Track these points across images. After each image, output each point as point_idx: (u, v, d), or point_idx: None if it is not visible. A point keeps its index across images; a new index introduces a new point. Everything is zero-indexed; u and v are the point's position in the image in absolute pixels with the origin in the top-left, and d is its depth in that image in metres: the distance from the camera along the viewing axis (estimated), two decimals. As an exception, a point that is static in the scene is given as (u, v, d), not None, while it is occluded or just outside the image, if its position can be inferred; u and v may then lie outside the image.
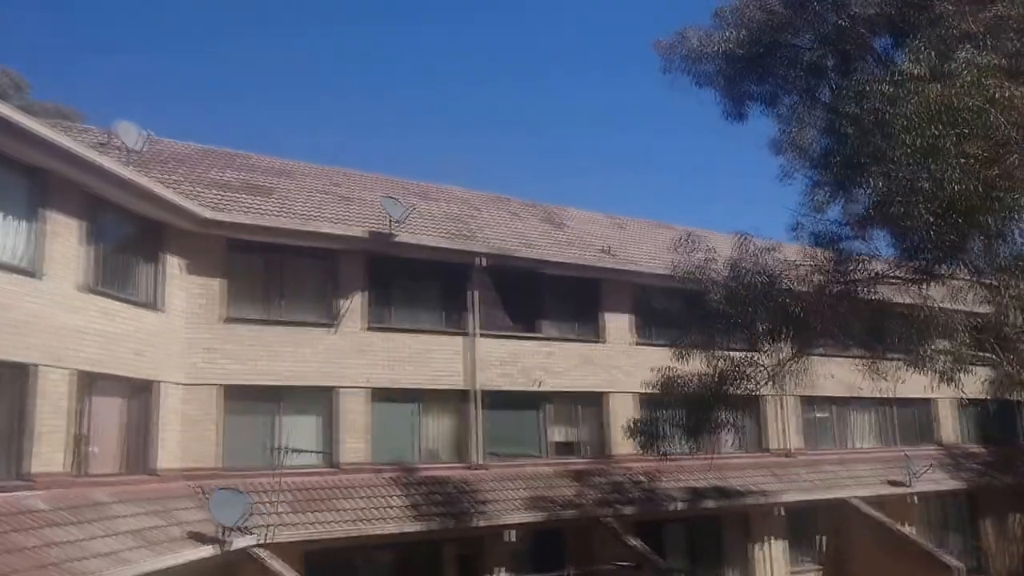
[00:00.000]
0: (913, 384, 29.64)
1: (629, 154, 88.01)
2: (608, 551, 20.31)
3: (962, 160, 10.41)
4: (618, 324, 24.10)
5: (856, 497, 25.75)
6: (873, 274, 14.51)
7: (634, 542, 20.05)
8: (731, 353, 17.18)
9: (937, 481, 27.80)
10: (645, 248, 26.50)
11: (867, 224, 13.75)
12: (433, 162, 79.16)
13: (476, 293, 21.59)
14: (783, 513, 24.28)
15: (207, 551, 14.80)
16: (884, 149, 11.24)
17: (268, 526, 16.53)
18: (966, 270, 13.68)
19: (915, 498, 27.22)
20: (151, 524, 14.61)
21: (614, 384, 23.59)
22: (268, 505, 17.26)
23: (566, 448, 22.96)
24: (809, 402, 27.89)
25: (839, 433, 28.95)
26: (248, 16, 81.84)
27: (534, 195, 28.57)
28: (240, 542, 15.63)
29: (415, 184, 26.07)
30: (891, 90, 11.02)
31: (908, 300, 15.06)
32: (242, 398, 18.31)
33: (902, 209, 11.42)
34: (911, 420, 31.09)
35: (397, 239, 20.12)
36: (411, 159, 78.99)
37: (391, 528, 17.84)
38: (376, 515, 18.04)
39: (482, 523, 18.91)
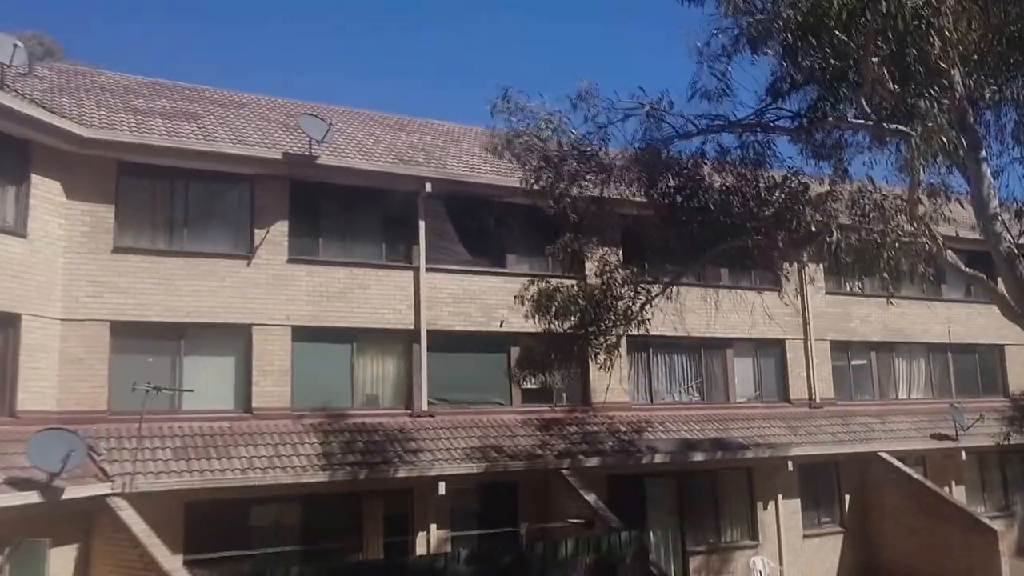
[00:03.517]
0: (976, 327, 25.29)
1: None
2: (564, 507, 16.94)
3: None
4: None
5: (887, 452, 21.40)
6: (714, 121, 10.57)
7: (588, 497, 16.58)
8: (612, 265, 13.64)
9: (993, 436, 23.00)
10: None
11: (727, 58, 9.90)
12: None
13: (424, 223, 18.43)
14: (794, 469, 20.19)
15: (22, 499, 12.23)
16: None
17: (133, 473, 13.89)
18: (861, 112, 9.62)
19: (964, 454, 22.63)
20: (-41, 467, 12.16)
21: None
22: (150, 451, 14.72)
23: (538, 395, 19.42)
24: (842, 347, 23.64)
25: (880, 382, 24.49)
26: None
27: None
28: (79, 490, 13.04)
29: (391, 117, 23.11)
30: None
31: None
32: (135, 336, 15.74)
33: (755, 31, 7.68)
34: (973, 368, 26.29)
35: (320, 162, 17.15)
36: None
37: (286, 479, 14.95)
38: (276, 464, 15.20)
39: (402, 473, 15.83)
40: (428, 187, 18.15)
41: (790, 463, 20.00)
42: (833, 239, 9.97)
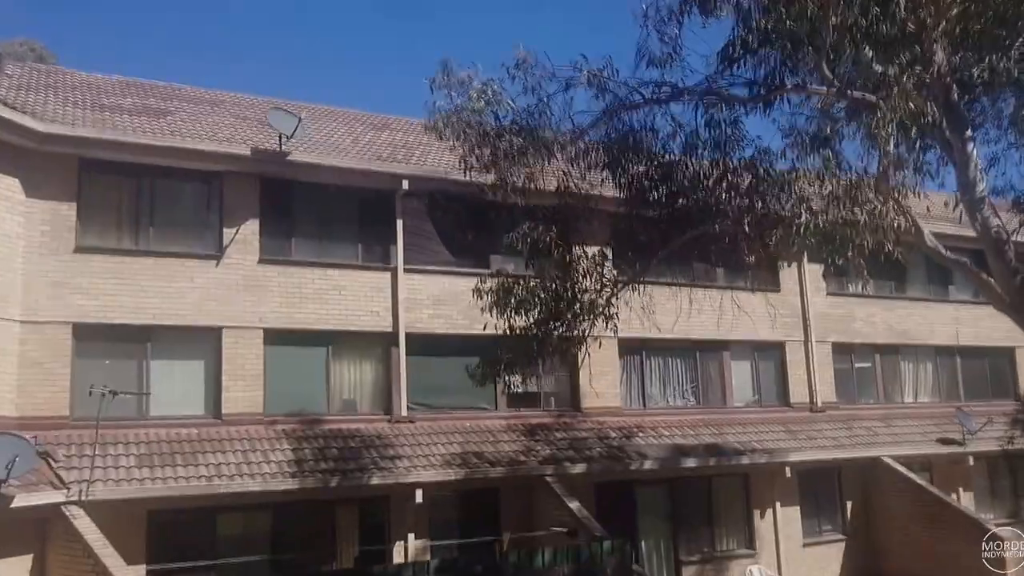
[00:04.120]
0: (986, 329, 24.58)
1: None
2: (548, 515, 16.38)
3: None
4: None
5: (891, 457, 20.74)
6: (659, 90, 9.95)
7: (572, 505, 16.00)
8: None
9: (997, 440, 22.22)
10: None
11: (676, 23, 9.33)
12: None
13: (401, 223, 17.94)
14: (792, 475, 19.51)
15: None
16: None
17: (91, 481, 13.38)
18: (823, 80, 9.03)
19: (971, 459, 21.94)
20: None
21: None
22: (112, 458, 14.24)
23: (525, 400, 18.89)
24: (845, 349, 23.00)
25: (885, 386, 23.83)
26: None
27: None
28: (31, 498, 12.53)
29: (376, 116, 22.61)
30: None
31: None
32: (99, 339, 15.27)
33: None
34: (982, 371, 25.58)
35: (291, 158, 16.69)
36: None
37: (254, 486, 14.41)
38: (244, 471, 14.67)
39: (376, 480, 15.29)
40: (405, 185, 17.70)
41: (788, 469, 19.36)
42: (802, 221, 9.40)
